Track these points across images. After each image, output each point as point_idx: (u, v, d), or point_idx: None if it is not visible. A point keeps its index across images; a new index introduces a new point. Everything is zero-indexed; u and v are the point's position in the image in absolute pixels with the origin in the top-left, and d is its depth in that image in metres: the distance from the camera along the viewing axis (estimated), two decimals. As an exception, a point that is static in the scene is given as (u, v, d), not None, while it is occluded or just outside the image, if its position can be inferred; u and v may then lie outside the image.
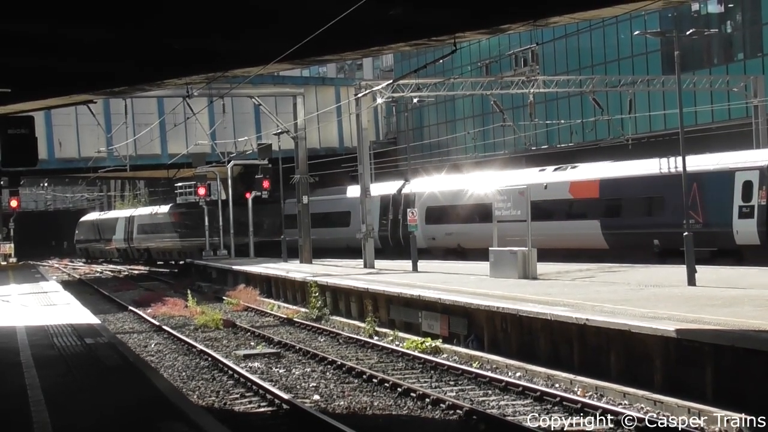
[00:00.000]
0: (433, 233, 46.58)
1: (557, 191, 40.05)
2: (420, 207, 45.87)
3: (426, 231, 46.01)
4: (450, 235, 45.93)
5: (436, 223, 46.62)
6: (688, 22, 47.98)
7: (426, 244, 45.90)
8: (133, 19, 16.33)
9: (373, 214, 45.40)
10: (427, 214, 46.91)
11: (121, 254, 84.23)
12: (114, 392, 13.86)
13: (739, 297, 20.99)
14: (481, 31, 19.45)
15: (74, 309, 28.21)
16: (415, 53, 60.99)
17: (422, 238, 45.03)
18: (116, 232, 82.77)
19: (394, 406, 17.34)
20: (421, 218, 45.03)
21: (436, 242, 46.71)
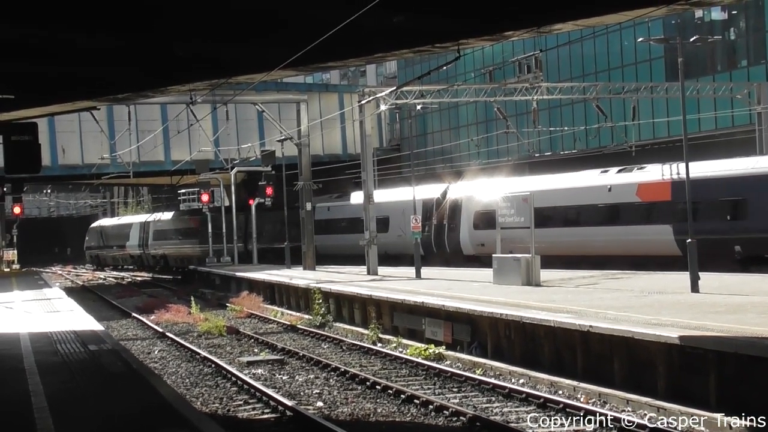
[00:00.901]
0: (482, 239, 44.30)
1: (623, 194, 38.05)
2: (467, 211, 44.97)
3: (474, 237, 44.90)
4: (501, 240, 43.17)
5: (486, 228, 43.33)
6: (692, 29, 47.96)
7: (474, 250, 44.70)
8: (136, 26, 16.35)
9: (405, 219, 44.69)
10: (474, 218, 45.28)
11: (135, 261, 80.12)
12: (118, 399, 13.86)
13: (743, 304, 20.98)
14: (484, 38, 19.46)
15: (78, 316, 28.23)
16: (419, 60, 61.02)
17: (470, 244, 44.17)
18: (130, 239, 78.95)
19: (398, 413, 17.33)
20: (467, 223, 44.48)
21: (486, 248, 43.14)
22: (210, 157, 57.65)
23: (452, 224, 47.24)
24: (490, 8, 16.44)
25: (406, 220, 44.10)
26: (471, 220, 45.04)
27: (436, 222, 48.53)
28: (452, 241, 47.22)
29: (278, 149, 51.35)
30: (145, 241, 75.08)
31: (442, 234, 47.74)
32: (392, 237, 47.74)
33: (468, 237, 44.05)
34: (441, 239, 47.77)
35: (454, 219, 47.10)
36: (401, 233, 47.71)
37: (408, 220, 41.03)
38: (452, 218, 47.16)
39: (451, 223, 47.19)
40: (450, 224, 47.25)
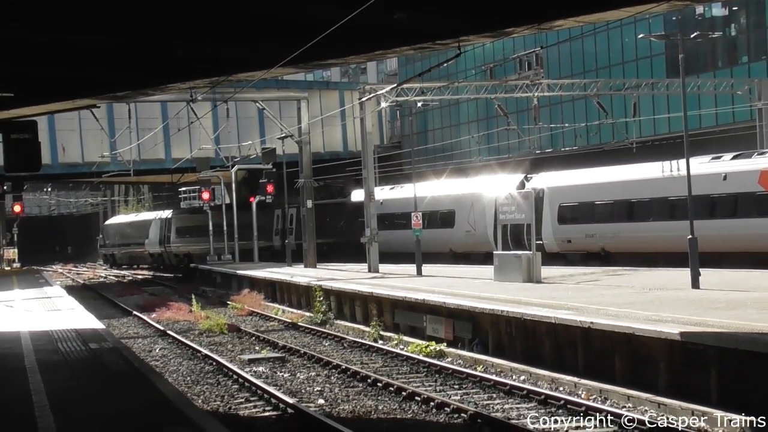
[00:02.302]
0: (568, 235, 40.70)
1: (741, 183, 34.22)
2: (550, 205, 41.03)
3: (558, 232, 40.95)
4: (591, 236, 39.39)
5: (573, 223, 40.51)
6: (693, 25, 47.94)
7: (558, 247, 40.97)
8: (137, 26, 16.34)
9: (485, 214, 42.33)
10: (559, 212, 41.00)
11: (155, 260, 74.51)
12: (119, 397, 13.86)
13: (743, 300, 20.98)
14: (485, 35, 19.44)
15: (78, 314, 28.23)
16: (420, 57, 60.96)
17: (553, 240, 40.88)
18: (150, 236, 73.86)
19: (399, 410, 17.33)
20: (551, 218, 40.88)
21: (573, 245, 40.60)
22: (211, 155, 57.62)
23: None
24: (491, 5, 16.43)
25: (477, 213, 41.65)
26: (555, 213, 40.92)
27: None
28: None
29: (279, 147, 51.30)
30: (167, 238, 70.34)
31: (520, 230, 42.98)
32: (459, 233, 43.76)
33: (552, 233, 40.28)
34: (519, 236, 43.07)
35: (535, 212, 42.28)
36: (471, 229, 44.30)
37: (480, 214, 38.78)
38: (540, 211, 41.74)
39: None
40: None
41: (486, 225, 42.14)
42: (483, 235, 41.54)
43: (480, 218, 41.10)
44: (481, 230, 42.67)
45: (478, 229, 43.16)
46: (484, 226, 41.61)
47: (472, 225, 43.96)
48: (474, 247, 43.94)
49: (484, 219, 41.97)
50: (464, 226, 43.93)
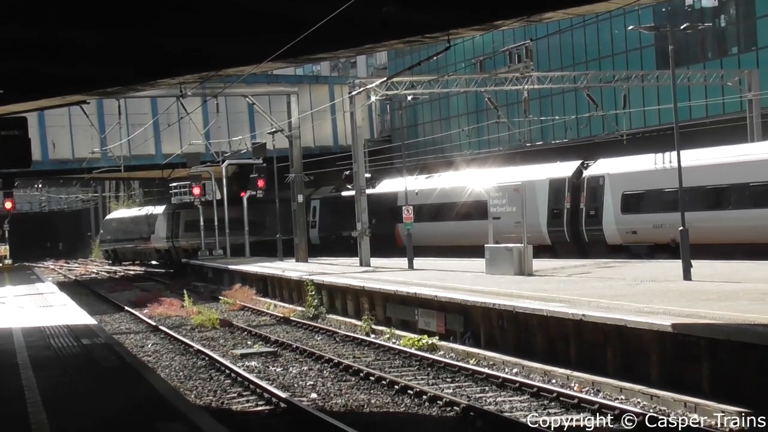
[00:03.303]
0: (632, 225, 37.62)
1: None
2: (612, 193, 38.27)
3: (622, 223, 37.92)
4: (660, 227, 36.14)
5: (638, 213, 37.55)
6: (682, 16, 47.97)
7: (622, 239, 38.12)
8: (125, 21, 16.30)
9: (537, 203, 40.52)
10: (623, 201, 37.92)
11: (162, 255, 71.12)
12: (111, 393, 13.85)
13: (735, 291, 21.03)
14: (474, 28, 19.45)
15: (70, 310, 28.19)
16: (409, 50, 60.87)
17: (616, 231, 37.99)
18: (156, 231, 70.39)
19: (392, 404, 17.34)
20: (612, 207, 38.05)
21: (638, 236, 37.58)
22: (201, 150, 57.53)
23: (592, 208, 39.60)
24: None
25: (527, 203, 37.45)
26: (618, 202, 38.04)
27: (569, 206, 40.77)
28: (592, 229, 39.74)
29: (269, 142, 51.26)
30: (175, 233, 67.66)
31: (578, 220, 40.37)
32: (507, 225, 40.50)
33: (614, 223, 37.72)
34: (577, 226, 40.41)
35: (594, 201, 39.46)
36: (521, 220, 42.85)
37: (530, 203, 36.57)
38: (592, 201, 39.53)
39: (590, 207, 39.59)
40: (589, 208, 39.61)
41: (538, 215, 40.53)
42: (535, 225, 39.22)
43: (531, 208, 38.64)
44: (532, 221, 39.33)
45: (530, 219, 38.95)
46: (536, 216, 39.63)
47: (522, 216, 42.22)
48: None
49: (536, 209, 40.04)
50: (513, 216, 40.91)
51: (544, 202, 41.12)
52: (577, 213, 40.23)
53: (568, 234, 40.52)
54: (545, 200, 41.14)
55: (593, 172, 39.02)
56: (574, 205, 40.35)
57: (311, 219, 57.22)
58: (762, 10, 47.33)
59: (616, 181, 38.28)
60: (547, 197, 41.12)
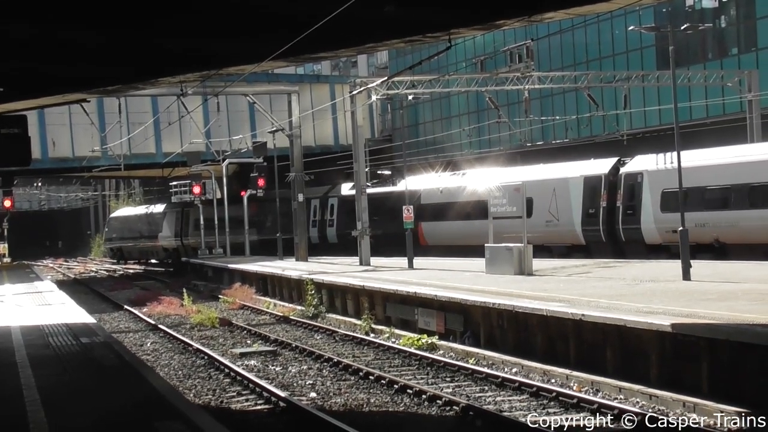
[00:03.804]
0: (673, 224, 34.28)
1: None
2: (651, 190, 36.46)
3: (661, 222, 36.03)
4: (702, 226, 34.27)
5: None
6: (683, 17, 47.98)
7: (661, 238, 36.12)
8: (126, 21, 16.29)
9: (570, 201, 39.06)
10: (663, 199, 36.02)
11: (170, 254, 68.88)
12: (110, 392, 13.84)
13: (734, 291, 21.02)
14: (475, 27, 19.44)
15: (69, 308, 28.19)
16: (410, 50, 60.94)
17: (655, 230, 36.19)
18: (164, 229, 69.08)
19: (391, 403, 17.33)
20: (651, 205, 36.26)
21: None
22: (201, 149, 57.54)
23: (630, 206, 37.56)
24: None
25: (560, 201, 38.51)
26: (658, 200, 36.18)
27: (605, 204, 38.62)
28: (629, 228, 37.81)
29: (270, 141, 51.29)
30: (184, 231, 66.41)
31: (614, 219, 38.39)
32: (538, 224, 39.07)
33: (653, 222, 35.93)
34: (613, 225, 38.43)
35: (632, 199, 37.58)
36: (553, 218, 40.29)
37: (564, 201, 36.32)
38: (629, 199, 37.58)
39: (627, 205, 37.55)
40: (626, 206, 37.55)
41: (572, 214, 38.92)
42: (568, 224, 38.41)
43: (564, 206, 37.76)
44: (565, 219, 39.05)
45: (562, 218, 39.44)
46: (569, 215, 38.32)
47: (554, 214, 40.12)
48: (556, 239, 40.22)
49: (569, 207, 38.61)
50: (543, 215, 39.78)
51: (578, 201, 39.30)
52: (613, 212, 38.40)
53: (603, 233, 38.71)
54: (579, 198, 39.32)
55: (631, 169, 37.50)
56: (611, 203, 38.53)
57: (329, 217, 55.77)
58: (762, 11, 47.36)
59: (655, 178, 36.48)
60: (581, 195, 39.27)
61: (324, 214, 57.62)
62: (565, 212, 37.88)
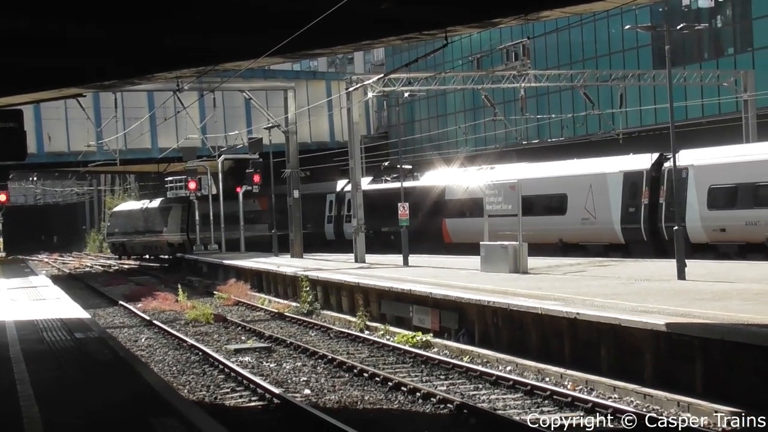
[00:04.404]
0: (721, 222, 33.80)
1: None
2: (697, 186, 34.32)
3: (708, 219, 33.98)
4: (754, 225, 32.52)
5: (728, 209, 33.65)
6: (679, 16, 48.04)
7: (708, 237, 34.12)
8: (123, 15, 16.27)
9: (609, 198, 37.10)
10: (710, 196, 34.11)
11: (175, 249, 66.70)
12: (104, 387, 13.82)
13: (728, 291, 21.04)
14: (472, 25, 19.44)
15: (64, 304, 28.15)
16: (407, 47, 60.96)
17: (701, 228, 34.09)
18: (169, 224, 67.44)
19: (385, 401, 17.34)
20: (698, 202, 34.26)
21: (727, 234, 33.76)
22: (197, 145, 57.49)
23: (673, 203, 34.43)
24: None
25: (597, 198, 36.58)
26: (704, 197, 34.13)
27: (647, 201, 36.43)
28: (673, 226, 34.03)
29: (265, 137, 51.24)
30: (191, 225, 64.31)
31: (656, 216, 36.21)
32: (572, 221, 37.58)
33: (698, 220, 33.95)
34: (655, 224, 36.26)
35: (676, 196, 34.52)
36: (590, 216, 38.07)
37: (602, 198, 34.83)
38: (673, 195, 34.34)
39: (671, 202, 34.82)
40: (670, 203, 34.92)
41: (610, 211, 37.01)
42: (606, 222, 36.73)
43: (602, 203, 36.22)
44: (603, 217, 37.18)
45: (599, 215, 37.53)
46: (607, 213, 36.66)
47: (591, 211, 38.00)
48: (592, 237, 38.21)
49: (607, 204, 36.94)
50: (579, 213, 38.00)
51: (617, 197, 37.07)
52: (655, 209, 36.16)
53: (645, 232, 36.46)
54: (618, 195, 37.08)
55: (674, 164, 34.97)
56: (653, 200, 36.33)
57: (345, 213, 53.67)
58: (758, 11, 47.43)
59: (702, 174, 34.41)
60: (621, 192, 37.04)
61: (341, 210, 55.63)
62: (603, 210, 36.42)
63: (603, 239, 36.92)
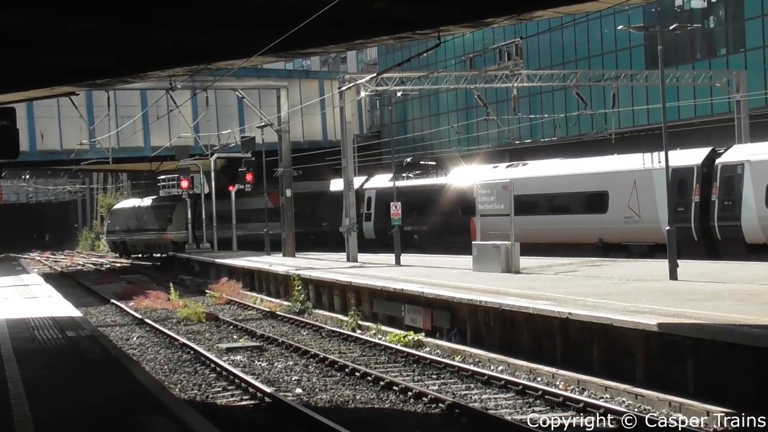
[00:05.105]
0: None
1: None
2: (753, 183, 32.44)
3: (766, 218, 32.12)
4: None
5: None
6: (672, 17, 48.07)
7: (766, 236, 32.13)
8: (116, 12, 16.25)
9: (655, 195, 34.63)
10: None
11: (180, 247, 64.64)
12: (96, 385, 13.81)
13: (720, 291, 21.06)
14: (465, 25, 19.45)
15: (56, 302, 28.11)
16: (399, 47, 60.91)
17: (758, 227, 32.17)
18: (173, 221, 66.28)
19: (377, 400, 17.34)
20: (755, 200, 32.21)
21: None
22: (190, 144, 57.46)
23: (727, 201, 33.37)
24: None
25: (644, 194, 34.60)
26: (762, 194, 31.99)
27: (698, 199, 34.25)
28: (727, 225, 33.49)
29: (258, 136, 51.18)
30: (197, 223, 63.30)
31: (708, 215, 34.03)
32: (614, 220, 35.68)
33: (756, 218, 32.11)
34: (707, 222, 34.07)
35: (730, 194, 33.30)
36: (633, 215, 35.80)
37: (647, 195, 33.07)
38: (727, 193, 33.43)
39: (725, 200, 33.36)
40: (723, 201, 33.36)
41: (656, 210, 34.48)
42: (651, 221, 34.57)
43: (648, 201, 34.30)
44: (649, 216, 34.99)
45: (644, 214, 35.25)
46: (653, 211, 34.54)
47: (635, 210, 35.77)
48: (636, 237, 35.84)
49: (653, 202, 34.72)
50: (622, 210, 35.86)
51: (664, 195, 33.92)
52: (707, 207, 34.01)
53: (696, 231, 34.16)
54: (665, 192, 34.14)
55: (728, 160, 33.32)
56: (704, 197, 34.11)
57: (365, 211, 51.17)
58: (750, 12, 47.51)
59: (759, 170, 32.34)
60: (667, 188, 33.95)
61: (359, 208, 51.67)
62: (648, 208, 34.44)
63: (648, 239, 34.87)
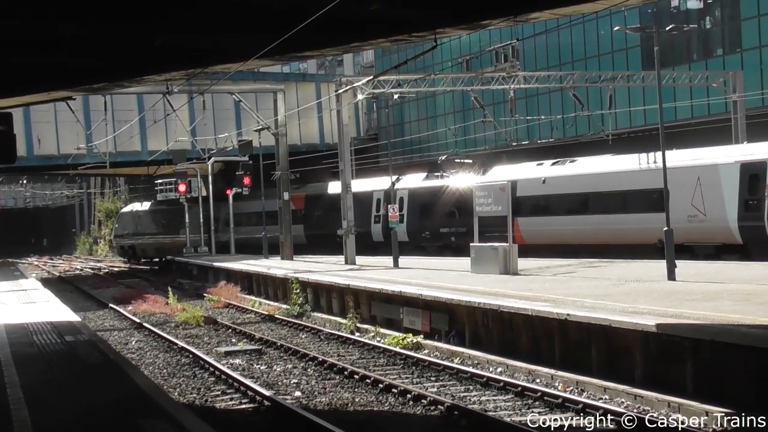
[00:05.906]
0: None
1: None
2: None
3: None
4: None
5: None
6: (668, 17, 48.12)
7: None
8: (112, 14, 16.25)
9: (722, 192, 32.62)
10: None
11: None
12: (95, 390, 13.80)
13: (719, 291, 21.06)
14: (461, 27, 19.48)
15: (54, 306, 28.11)
16: (396, 49, 60.98)
17: None
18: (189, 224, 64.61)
19: (376, 402, 17.33)
20: None
21: None
22: (187, 147, 57.41)
23: None
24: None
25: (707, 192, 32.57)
26: None
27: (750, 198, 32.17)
28: None
29: (255, 139, 51.20)
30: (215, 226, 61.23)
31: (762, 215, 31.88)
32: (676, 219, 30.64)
33: None
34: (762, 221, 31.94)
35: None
36: (698, 213, 33.30)
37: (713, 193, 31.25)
38: None
39: None
40: None
41: (724, 207, 32.44)
42: (719, 220, 32.56)
43: (713, 198, 32.45)
44: (715, 215, 32.80)
45: (710, 213, 32.99)
46: (720, 209, 32.51)
47: (699, 208, 33.32)
48: (701, 237, 33.15)
49: (721, 200, 32.62)
50: (685, 209, 33.12)
51: (733, 192, 32.43)
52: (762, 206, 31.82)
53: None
54: (734, 189, 32.44)
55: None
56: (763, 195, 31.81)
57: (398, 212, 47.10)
58: (747, 13, 47.56)
59: None
60: (737, 185, 32.43)
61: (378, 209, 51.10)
62: (714, 206, 32.51)
63: (715, 239, 32.93)
